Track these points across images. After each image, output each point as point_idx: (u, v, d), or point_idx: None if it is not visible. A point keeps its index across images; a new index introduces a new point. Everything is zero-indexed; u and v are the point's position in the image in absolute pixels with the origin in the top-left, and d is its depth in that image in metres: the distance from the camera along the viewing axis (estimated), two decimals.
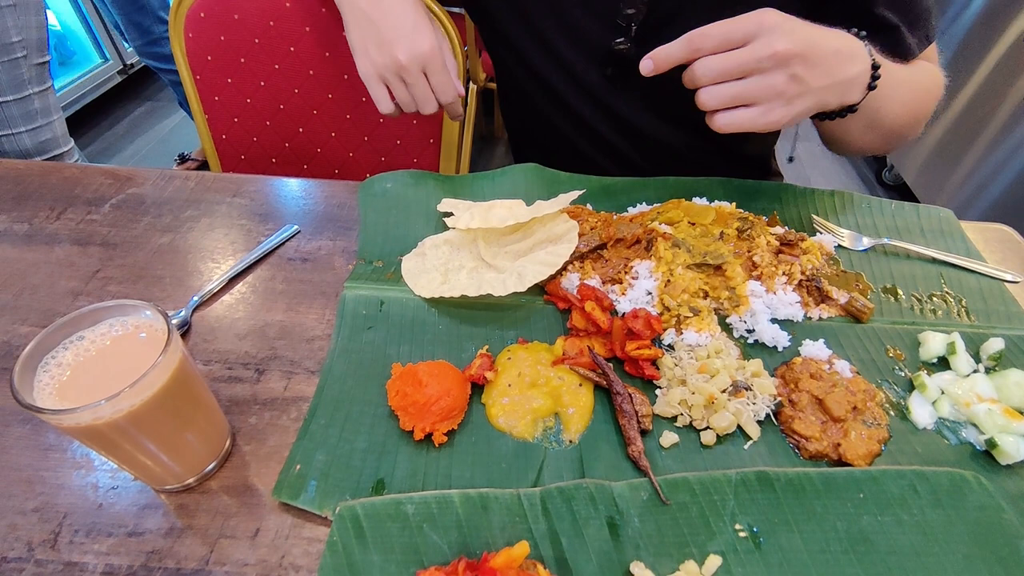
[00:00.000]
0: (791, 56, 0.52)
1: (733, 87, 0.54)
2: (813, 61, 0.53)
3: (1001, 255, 0.70)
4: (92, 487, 0.45)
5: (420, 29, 0.67)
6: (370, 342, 0.56)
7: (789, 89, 0.53)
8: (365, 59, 0.69)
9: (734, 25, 0.53)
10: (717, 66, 0.54)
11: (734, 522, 0.43)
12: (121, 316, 0.41)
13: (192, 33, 0.91)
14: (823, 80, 0.54)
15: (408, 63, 0.67)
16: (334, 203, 0.74)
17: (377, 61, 0.68)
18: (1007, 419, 0.49)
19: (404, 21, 0.67)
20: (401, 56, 0.66)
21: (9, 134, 1.19)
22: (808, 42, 0.53)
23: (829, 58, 0.54)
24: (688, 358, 0.54)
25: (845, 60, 0.56)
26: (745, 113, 0.55)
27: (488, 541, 0.42)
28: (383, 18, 0.67)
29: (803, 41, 0.52)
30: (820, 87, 0.55)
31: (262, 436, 0.50)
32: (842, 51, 0.56)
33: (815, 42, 0.54)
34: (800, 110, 0.55)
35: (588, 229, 0.65)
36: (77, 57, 2.55)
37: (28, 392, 0.37)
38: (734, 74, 0.54)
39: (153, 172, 0.77)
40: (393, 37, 0.67)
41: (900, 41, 0.67)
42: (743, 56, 0.53)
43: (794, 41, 0.52)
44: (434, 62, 0.68)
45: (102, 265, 0.64)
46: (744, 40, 0.53)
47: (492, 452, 0.48)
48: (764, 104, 0.54)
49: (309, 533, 0.44)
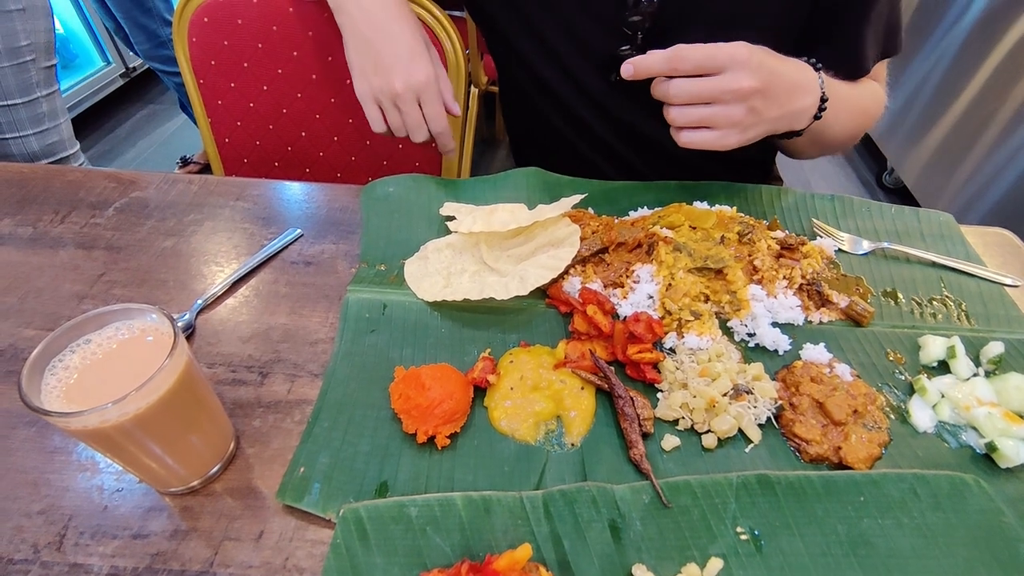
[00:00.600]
0: (752, 92, 0.59)
1: (699, 111, 0.61)
2: (771, 96, 0.61)
3: (1001, 259, 0.70)
4: (97, 489, 0.46)
5: (417, 59, 0.69)
6: (373, 345, 0.56)
7: (746, 120, 0.61)
8: (362, 80, 0.71)
9: (711, 54, 0.59)
10: (690, 90, 0.60)
11: (735, 525, 0.44)
12: (127, 320, 0.42)
13: (196, 38, 0.92)
14: (776, 112, 0.62)
15: (403, 91, 0.69)
16: (336, 207, 0.74)
17: (374, 84, 0.70)
18: (1007, 423, 0.50)
19: (402, 50, 0.69)
20: (397, 84, 0.69)
21: (17, 137, 1.20)
22: (768, 78, 0.60)
23: (784, 93, 0.62)
24: (689, 362, 0.54)
25: (798, 93, 0.63)
26: (706, 135, 0.62)
27: (491, 543, 0.42)
28: (382, 44, 0.69)
29: (765, 78, 0.59)
30: (773, 118, 0.62)
31: (266, 439, 0.50)
32: (797, 85, 0.63)
33: (775, 78, 0.60)
34: (752, 135, 0.63)
35: (590, 233, 0.65)
36: (79, 60, 2.56)
37: (36, 395, 0.37)
38: (703, 100, 0.61)
39: (156, 176, 0.77)
40: (391, 64, 0.69)
41: (858, 54, 0.73)
42: (712, 86, 0.59)
43: (758, 78, 0.59)
44: (428, 92, 0.70)
45: (106, 269, 0.64)
46: (717, 70, 0.59)
47: (494, 455, 0.49)
48: (723, 129, 0.61)
49: (313, 535, 0.44)
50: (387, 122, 0.73)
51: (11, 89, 1.15)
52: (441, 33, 0.90)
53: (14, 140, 1.20)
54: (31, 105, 1.19)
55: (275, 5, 0.90)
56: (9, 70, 1.13)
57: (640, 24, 0.71)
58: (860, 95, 0.76)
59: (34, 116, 1.21)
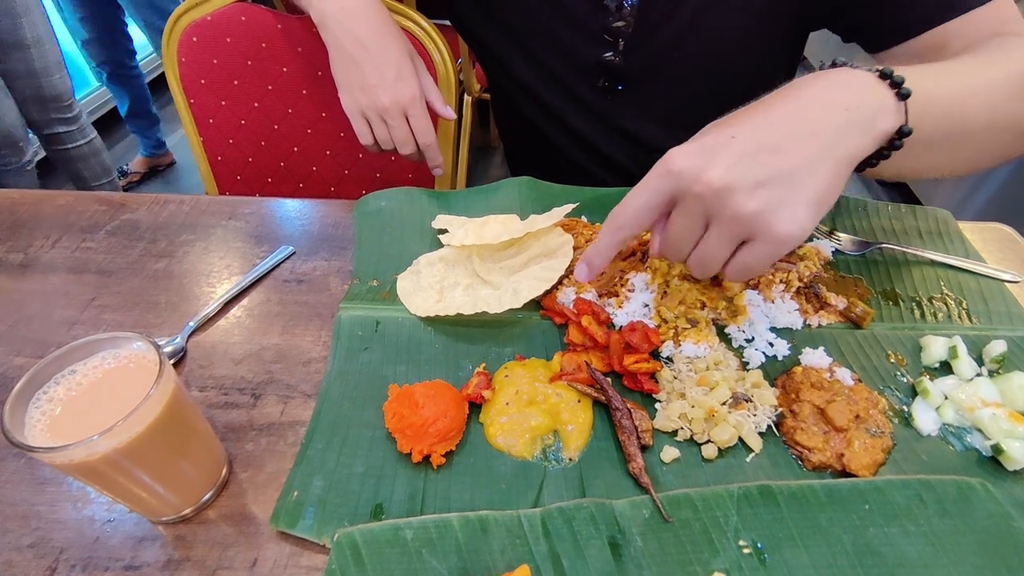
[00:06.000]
0: (720, 190, 0.41)
1: (701, 253, 0.46)
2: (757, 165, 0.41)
3: (1000, 255, 0.69)
4: (88, 520, 0.45)
5: (403, 77, 0.69)
6: (366, 363, 0.56)
7: (768, 206, 0.41)
8: (349, 96, 0.71)
9: (644, 199, 0.46)
10: (675, 250, 0.47)
11: (738, 538, 0.43)
12: (113, 348, 0.41)
13: (185, 58, 0.92)
14: (785, 162, 0.41)
15: (391, 106, 0.69)
16: (329, 223, 0.74)
17: (361, 100, 0.70)
18: (1012, 423, 0.49)
19: (388, 68, 0.69)
20: (384, 99, 0.69)
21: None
22: (716, 147, 0.43)
23: (769, 145, 0.42)
24: (687, 371, 0.54)
25: (792, 121, 0.43)
26: (744, 258, 0.45)
27: (488, 565, 0.41)
28: (367, 62, 0.69)
29: (730, 160, 0.42)
30: (792, 168, 0.41)
31: (259, 462, 0.49)
32: (779, 120, 0.43)
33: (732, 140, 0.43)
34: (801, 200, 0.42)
35: (583, 242, 0.65)
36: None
37: (19, 429, 0.36)
38: (690, 243, 0.46)
39: (147, 197, 0.77)
40: (376, 83, 0.69)
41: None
42: (681, 227, 0.45)
43: (721, 167, 0.41)
44: (415, 107, 0.70)
45: (97, 293, 0.64)
46: (670, 196, 0.45)
47: (491, 472, 0.48)
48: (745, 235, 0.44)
49: (307, 561, 0.43)
50: (375, 136, 0.72)
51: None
52: (429, 44, 0.90)
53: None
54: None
55: (263, 22, 0.90)
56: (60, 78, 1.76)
57: (623, 30, 0.71)
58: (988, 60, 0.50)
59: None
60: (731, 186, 0.41)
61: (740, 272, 0.46)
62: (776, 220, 0.41)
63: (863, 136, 0.43)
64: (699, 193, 0.42)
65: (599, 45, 0.73)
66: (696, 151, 0.43)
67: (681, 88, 0.77)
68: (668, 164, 0.44)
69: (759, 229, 0.42)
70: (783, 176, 0.41)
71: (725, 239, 0.44)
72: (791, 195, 0.41)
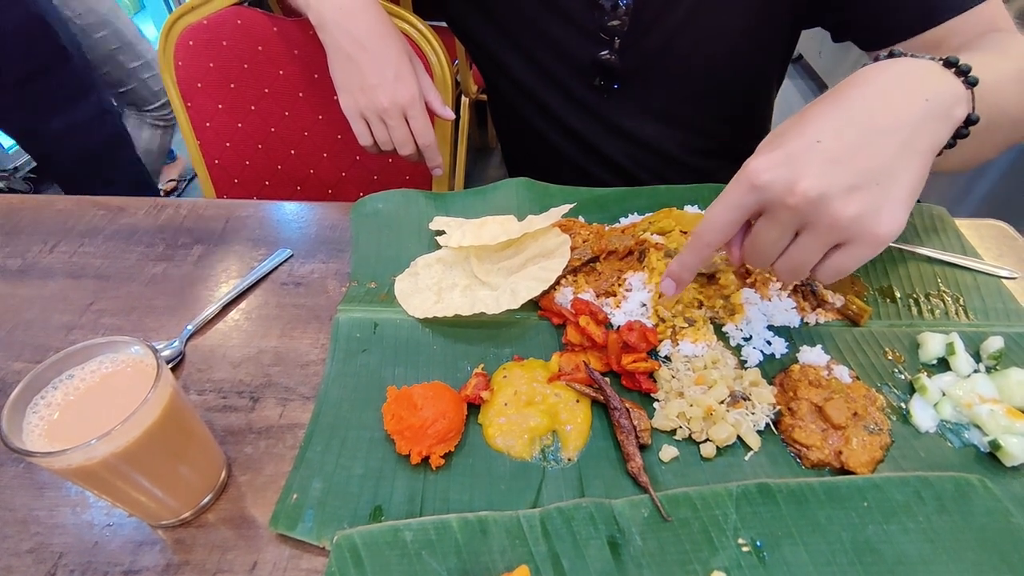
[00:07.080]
0: (814, 200, 0.40)
1: (792, 259, 0.45)
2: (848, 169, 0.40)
3: (997, 251, 0.69)
4: (87, 525, 0.45)
5: (402, 77, 0.69)
6: (365, 365, 0.56)
7: (866, 210, 0.40)
8: (348, 96, 0.71)
9: (731, 216, 0.45)
10: (763, 259, 0.46)
11: (737, 536, 0.43)
12: (110, 353, 0.41)
13: (181, 62, 0.92)
14: (873, 161, 0.40)
15: (390, 106, 0.69)
16: (326, 225, 0.74)
17: (360, 101, 0.70)
18: (1010, 419, 0.49)
19: (387, 68, 0.69)
20: (383, 100, 0.69)
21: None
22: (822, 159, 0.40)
23: (855, 145, 0.41)
24: (685, 370, 0.54)
25: (873, 117, 0.41)
26: (841, 261, 0.43)
27: (488, 566, 0.41)
28: (366, 63, 0.69)
29: (820, 167, 0.40)
30: (881, 167, 0.40)
31: (258, 465, 0.49)
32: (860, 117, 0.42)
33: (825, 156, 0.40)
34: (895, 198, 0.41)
35: (580, 242, 0.65)
36: None
37: (17, 435, 0.37)
38: (780, 251, 0.45)
39: (145, 201, 0.77)
40: (375, 84, 0.69)
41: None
42: (772, 237, 0.44)
43: (812, 176, 0.40)
44: (414, 108, 0.70)
45: (95, 298, 0.64)
46: (756, 209, 0.43)
47: (490, 473, 0.48)
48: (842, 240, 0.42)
49: (307, 564, 0.43)
50: (374, 137, 0.73)
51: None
52: (426, 46, 0.90)
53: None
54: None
55: (259, 25, 0.90)
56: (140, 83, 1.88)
57: (618, 29, 0.71)
58: (1001, 53, 0.52)
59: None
60: (826, 194, 0.40)
61: (834, 274, 0.44)
62: (875, 223, 0.40)
63: (942, 127, 0.43)
64: (793, 205, 0.41)
65: (595, 44, 0.73)
66: (781, 161, 0.41)
67: (677, 86, 0.77)
68: (752, 178, 0.42)
69: (857, 233, 0.41)
70: (873, 176, 0.40)
71: (819, 245, 0.43)
72: (884, 194, 0.40)
